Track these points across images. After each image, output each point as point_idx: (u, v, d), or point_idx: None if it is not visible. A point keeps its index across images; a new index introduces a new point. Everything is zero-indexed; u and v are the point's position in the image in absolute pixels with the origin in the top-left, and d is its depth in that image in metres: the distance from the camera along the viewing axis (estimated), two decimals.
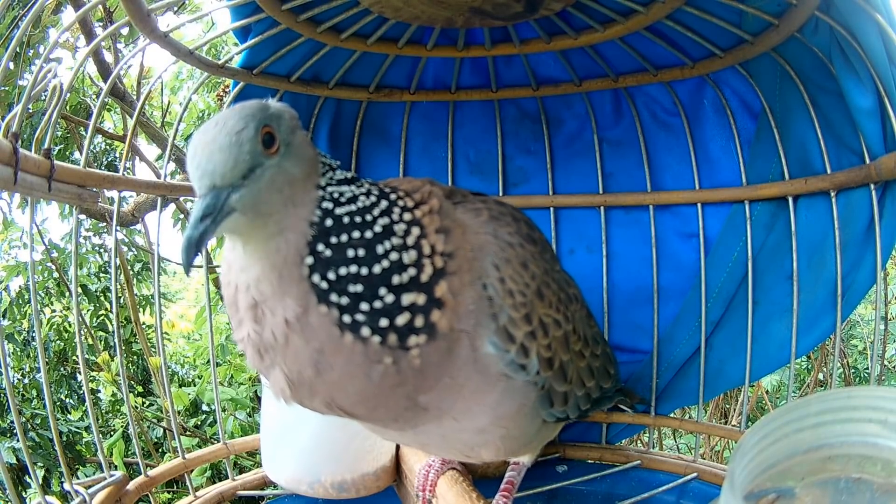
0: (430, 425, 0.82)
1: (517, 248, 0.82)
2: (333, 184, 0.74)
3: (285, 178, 0.69)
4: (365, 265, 0.69)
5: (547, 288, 0.86)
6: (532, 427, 0.92)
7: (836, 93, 1.06)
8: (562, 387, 0.88)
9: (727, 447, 2.71)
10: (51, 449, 2.95)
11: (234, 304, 0.73)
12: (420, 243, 0.73)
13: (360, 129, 1.50)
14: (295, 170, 0.70)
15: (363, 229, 0.71)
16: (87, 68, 2.97)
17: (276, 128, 0.69)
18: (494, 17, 1.17)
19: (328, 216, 0.70)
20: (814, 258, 1.20)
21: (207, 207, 0.65)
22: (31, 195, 0.98)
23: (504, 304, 0.78)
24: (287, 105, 0.75)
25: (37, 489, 1.11)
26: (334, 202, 0.71)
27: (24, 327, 3.57)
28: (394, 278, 0.70)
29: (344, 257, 0.69)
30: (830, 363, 2.56)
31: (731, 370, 1.33)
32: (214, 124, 0.68)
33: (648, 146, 1.41)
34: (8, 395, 1.07)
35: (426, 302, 0.71)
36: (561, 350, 0.87)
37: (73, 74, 1.27)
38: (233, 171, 0.66)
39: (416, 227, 0.74)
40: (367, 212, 0.72)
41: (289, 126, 0.72)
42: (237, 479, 1.37)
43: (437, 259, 0.73)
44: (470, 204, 0.86)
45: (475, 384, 0.79)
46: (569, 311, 0.90)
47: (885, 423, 0.59)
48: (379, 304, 0.69)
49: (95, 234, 3.80)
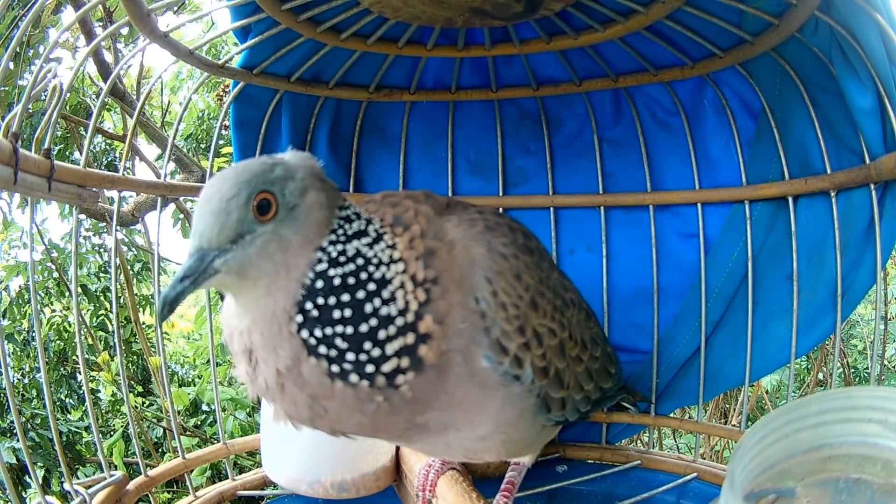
0: (434, 437, 0.84)
1: (511, 259, 0.82)
2: (341, 241, 0.72)
3: (279, 245, 0.69)
4: (351, 324, 0.70)
5: (541, 297, 0.85)
6: (532, 430, 0.92)
7: (836, 93, 1.06)
8: (558, 393, 0.88)
9: (727, 447, 2.71)
10: (51, 449, 2.95)
11: (230, 343, 0.75)
12: (403, 284, 0.72)
13: (360, 129, 1.50)
14: (293, 236, 0.70)
15: (354, 290, 0.71)
16: (87, 68, 2.97)
17: (277, 192, 0.69)
18: (494, 17, 1.17)
19: (320, 278, 0.70)
20: (814, 258, 1.20)
21: (189, 269, 0.67)
22: (31, 195, 0.98)
23: (497, 318, 0.78)
24: (309, 158, 0.75)
25: (37, 489, 1.11)
26: (330, 263, 0.71)
27: (24, 327, 3.57)
28: (380, 333, 0.71)
29: (331, 318, 0.69)
30: (830, 363, 2.56)
31: (731, 370, 1.33)
32: (216, 182, 0.70)
33: (648, 146, 1.41)
34: (8, 394, 1.07)
35: (413, 341, 0.72)
36: (556, 358, 0.87)
37: (73, 74, 1.27)
38: (218, 236, 0.67)
39: (398, 263, 0.74)
40: (362, 270, 0.72)
41: (300, 187, 0.71)
42: (237, 479, 1.37)
43: (419, 293, 0.72)
44: (466, 215, 0.86)
45: (474, 397, 0.80)
46: (564, 318, 0.90)
47: (885, 423, 0.59)
48: (364, 356, 0.70)
49: (95, 233, 3.80)
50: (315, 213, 0.72)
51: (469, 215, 0.86)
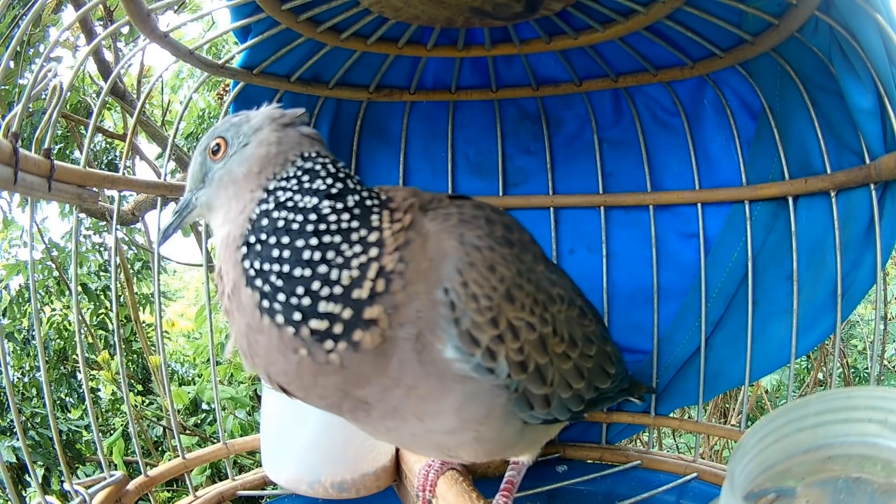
0: (394, 422, 0.83)
1: (485, 251, 0.82)
2: (292, 189, 0.78)
3: (229, 178, 0.81)
4: (287, 265, 0.74)
5: (519, 290, 0.84)
6: (509, 429, 0.90)
7: (836, 93, 1.06)
8: (540, 390, 0.87)
9: (727, 447, 2.71)
10: (51, 448, 2.95)
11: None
12: (368, 266, 0.74)
13: (360, 129, 1.50)
14: (238, 168, 0.81)
15: (296, 238, 0.74)
16: (87, 67, 2.97)
17: (230, 136, 0.83)
18: (494, 17, 1.17)
19: (264, 216, 0.77)
20: (814, 258, 1.20)
21: (180, 205, 0.88)
22: (31, 195, 0.98)
23: (466, 309, 0.78)
24: (275, 108, 0.85)
25: (36, 488, 1.11)
26: (277, 205, 0.77)
27: (24, 326, 3.58)
28: (314, 284, 0.73)
29: (269, 255, 0.75)
30: (830, 363, 2.56)
31: (730, 370, 1.33)
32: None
33: (648, 146, 1.41)
34: (8, 394, 1.07)
35: (351, 317, 0.73)
36: (536, 353, 0.86)
37: (73, 73, 1.28)
38: (192, 179, 0.87)
39: (374, 248, 0.75)
40: (311, 224, 0.75)
41: (253, 127, 0.82)
42: (237, 479, 1.37)
43: (379, 283, 0.74)
44: (443, 209, 0.86)
45: (429, 387, 0.79)
46: (547, 313, 0.89)
47: (885, 423, 0.59)
48: (295, 300, 0.73)
49: (95, 232, 3.81)
50: (261, 149, 0.81)
51: (446, 209, 0.86)
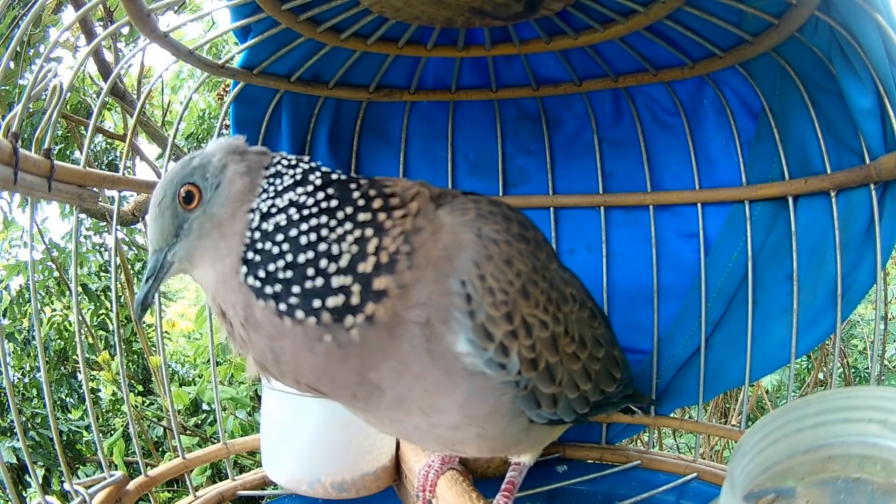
0: (398, 414, 0.83)
1: (502, 245, 0.81)
2: (270, 196, 0.78)
3: (212, 222, 0.78)
4: (290, 255, 0.74)
5: (534, 287, 0.84)
6: (514, 427, 0.89)
7: (836, 93, 1.06)
8: (549, 388, 0.87)
9: (727, 447, 2.71)
10: (51, 448, 2.95)
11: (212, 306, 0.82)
12: (366, 242, 0.75)
13: (360, 129, 1.50)
14: (221, 210, 0.78)
15: (287, 230, 0.75)
16: (87, 68, 2.97)
17: (198, 180, 0.78)
18: (494, 17, 1.17)
19: (257, 231, 0.76)
20: (814, 258, 1.20)
21: (150, 270, 0.80)
22: (31, 195, 0.98)
23: (483, 302, 0.78)
24: (226, 139, 0.83)
25: (37, 489, 1.11)
26: (262, 217, 0.77)
27: (25, 326, 3.57)
28: (321, 262, 0.74)
29: (270, 255, 0.75)
30: (830, 363, 2.56)
31: (731, 370, 1.33)
32: (153, 193, 0.81)
33: (648, 146, 1.41)
34: (8, 394, 1.07)
35: (362, 290, 0.74)
36: (547, 351, 0.85)
37: (73, 74, 1.28)
38: (161, 236, 0.80)
39: (369, 227, 0.76)
40: (294, 213, 0.76)
41: (218, 166, 0.79)
42: (237, 479, 1.37)
43: (382, 255, 0.75)
44: (459, 203, 0.85)
45: (436, 378, 0.79)
46: (560, 312, 0.88)
47: (885, 423, 0.59)
48: (310, 284, 0.73)
49: (96, 233, 3.81)
50: (237, 183, 0.78)
51: (463, 204, 0.85)
